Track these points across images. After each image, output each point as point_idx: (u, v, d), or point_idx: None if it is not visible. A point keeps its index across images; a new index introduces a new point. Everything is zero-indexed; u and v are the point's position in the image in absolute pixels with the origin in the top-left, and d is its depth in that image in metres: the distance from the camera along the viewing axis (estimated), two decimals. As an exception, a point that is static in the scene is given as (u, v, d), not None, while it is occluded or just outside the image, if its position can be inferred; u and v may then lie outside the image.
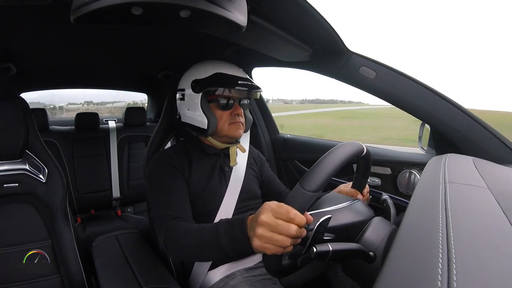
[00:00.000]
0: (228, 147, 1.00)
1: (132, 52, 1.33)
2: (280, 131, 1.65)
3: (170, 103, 1.11)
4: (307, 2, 0.71)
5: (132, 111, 2.28)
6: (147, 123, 2.34)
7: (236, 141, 1.01)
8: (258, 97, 1.02)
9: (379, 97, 0.97)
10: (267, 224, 0.53)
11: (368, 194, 0.86)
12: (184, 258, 0.89)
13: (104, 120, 2.30)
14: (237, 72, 0.95)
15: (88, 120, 2.15)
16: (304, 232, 0.53)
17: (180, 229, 0.76)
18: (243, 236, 0.61)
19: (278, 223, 0.52)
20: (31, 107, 1.01)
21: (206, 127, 0.91)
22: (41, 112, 1.95)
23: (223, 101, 0.92)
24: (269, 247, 0.54)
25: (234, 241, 0.64)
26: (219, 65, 0.95)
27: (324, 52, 0.99)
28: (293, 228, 0.51)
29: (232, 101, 0.94)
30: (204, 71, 0.92)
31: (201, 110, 0.91)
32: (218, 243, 0.66)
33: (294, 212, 0.52)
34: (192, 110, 0.93)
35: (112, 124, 2.24)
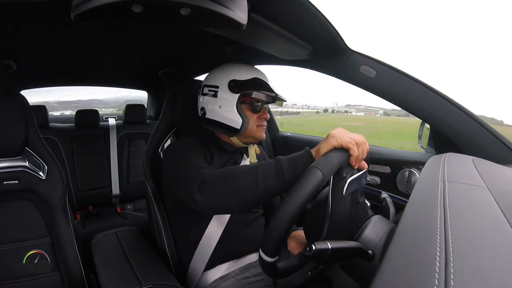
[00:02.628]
0: (245, 147, 1.02)
1: (133, 50, 1.33)
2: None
3: (170, 101, 1.11)
4: (308, 0, 0.71)
5: (132, 109, 2.28)
6: (147, 121, 2.34)
7: (257, 141, 1.03)
8: (282, 105, 1.06)
9: (379, 96, 0.97)
10: (342, 130, 0.67)
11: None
12: (229, 196, 0.72)
13: (104, 117, 2.30)
14: (267, 79, 0.99)
15: (88, 117, 2.15)
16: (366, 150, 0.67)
17: (219, 171, 0.76)
18: (306, 156, 0.69)
19: (350, 133, 0.67)
20: None
21: (239, 127, 0.92)
22: (41, 109, 1.95)
23: (256, 104, 0.95)
24: (347, 138, 0.64)
25: (296, 162, 0.68)
26: (255, 69, 0.99)
27: (325, 50, 0.98)
28: (361, 138, 0.66)
29: (261, 105, 0.97)
30: (243, 73, 0.95)
31: (236, 110, 0.92)
32: (277, 167, 0.68)
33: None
34: (226, 109, 0.93)
35: (112, 121, 2.24)
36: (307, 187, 0.55)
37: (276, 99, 0.98)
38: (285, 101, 1.00)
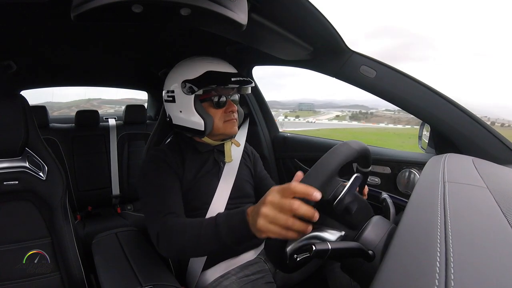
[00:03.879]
0: (222, 143, 0.98)
1: (133, 50, 1.33)
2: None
3: None
4: (308, 1, 0.71)
5: (132, 109, 2.28)
6: (147, 121, 2.34)
7: (230, 137, 0.99)
8: (250, 91, 0.99)
9: (379, 96, 0.97)
10: (272, 203, 0.53)
11: (366, 195, 0.85)
12: (178, 253, 0.80)
13: (104, 118, 2.30)
14: (227, 68, 0.92)
15: (88, 118, 2.15)
16: (309, 211, 0.51)
17: (175, 224, 0.76)
18: (243, 224, 0.60)
19: (282, 201, 0.52)
20: None
21: (203, 129, 0.88)
22: (41, 110, 1.95)
23: (217, 99, 0.90)
24: (272, 228, 0.52)
25: (233, 230, 0.63)
26: (207, 62, 0.91)
27: (325, 51, 0.99)
28: (294, 204, 0.50)
29: (224, 98, 0.91)
30: (194, 70, 0.88)
31: (196, 112, 0.88)
32: (217, 233, 0.65)
33: (294, 184, 0.51)
34: (185, 112, 0.90)
35: (112, 121, 2.24)
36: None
37: (241, 87, 0.92)
38: (251, 85, 0.93)
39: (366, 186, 0.83)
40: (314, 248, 0.50)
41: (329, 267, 0.92)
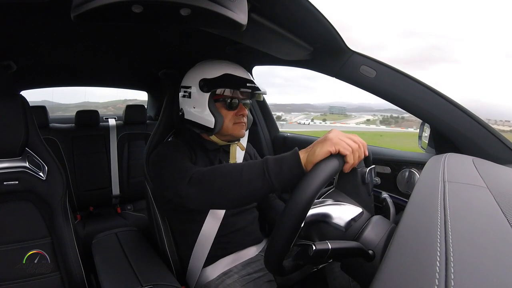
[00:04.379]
0: (228, 144, 1.01)
1: (133, 50, 1.33)
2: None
3: (169, 101, 1.11)
4: (308, 1, 0.71)
5: (132, 109, 2.28)
6: (147, 121, 2.34)
7: (237, 139, 1.02)
8: (262, 99, 1.04)
9: (379, 96, 0.97)
10: (339, 132, 0.63)
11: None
12: (214, 194, 0.71)
13: (104, 118, 2.30)
14: (243, 74, 0.96)
15: (88, 118, 2.15)
16: (362, 154, 0.63)
17: (209, 168, 0.75)
18: (294, 159, 0.63)
19: (348, 134, 0.63)
20: None
21: (213, 126, 0.92)
22: (41, 110, 1.95)
23: (229, 101, 0.94)
24: (343, 142, 0.60)
25: (282, 165, 0.63)
26: (226, 65, 0.95)
27: (325, 51, 0.99)
28: (360, 139, 0.63)
29: (237, 101, 0.95)
30: (213, 71, 0.93)
31: (209, 109, 0.91)
32: (263, 168, 0.64)
33: (358, 137, 0.63)
34: (199, 109, 0.93)
35: (112, 122, 2.24)
36: (301, 204, 0.54)
37: (254, 93, 0.96)
38: (264, 94, 0.97)
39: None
40: (314, 248, 0.50)
41: (328, 267, 0.92)
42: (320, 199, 0.63)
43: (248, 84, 0.92)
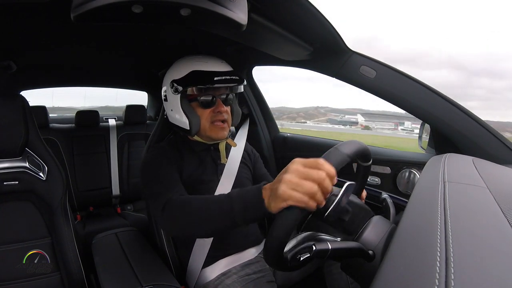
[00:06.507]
0: (217, 142, 0.98)
1: (133, 50, 1.33)
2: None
3: None
4: (307, 0, 0.71)
5: (132, 109, 2.28)
6: (147, 121, 2.34)
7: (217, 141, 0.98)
8: (241, 90, 0.97)
9: (379, 96, 0.97)
10: (297, 171, 0.52)
11: (364, 199, 0.83)
12: (182, 228, 0.75)
13: (104, 118, 2.30)
14: (215, 66, 0.90)
15: (88, 118, 2.15)
16: (330, 186, 0.52)
17: (181, 198, 0.74)
18: (257, 199, 0.58)
19: (308, 170, 0.52)
20: None
21: (188, 128, 0.89)
22: (41, 110, 1.95)
23: (203, 99, 0.90)
24: (295, 194, 0.50)
25: (246, 204, 0.60)
26: (195, 61, 0.90)
27: (325, 51, 0.98)
28: (322, 174, 0.51)
29: (210, 98, 0.90)
30: (181, 70, 0.90)
31: (182, 111, 0.89)
32: (228, 207, 0.62)
33: (322, 161, 0.52)
34: (175, 111, 0.92)
35: (112, 122, 2.24)
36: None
37: (233, 87, 0.91)
38: (237, 84, 0.91)
39: (364, 191, 0.80)
40: (314, 248, 0.50)
41: (327, 269, 0.92)
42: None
43: (216, 78, 0.85)
